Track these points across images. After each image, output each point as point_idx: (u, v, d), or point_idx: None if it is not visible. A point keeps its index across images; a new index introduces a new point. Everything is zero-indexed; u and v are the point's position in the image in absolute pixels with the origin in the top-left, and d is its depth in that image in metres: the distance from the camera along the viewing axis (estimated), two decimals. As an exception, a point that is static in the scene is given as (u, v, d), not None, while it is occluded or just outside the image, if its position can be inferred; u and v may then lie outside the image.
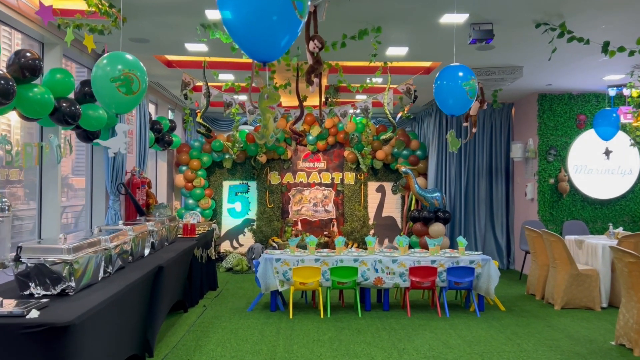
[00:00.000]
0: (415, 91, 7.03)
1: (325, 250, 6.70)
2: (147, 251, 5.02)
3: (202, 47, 5.87)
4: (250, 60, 6.46)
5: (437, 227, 8.81)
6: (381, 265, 6.25)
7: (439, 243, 6.59)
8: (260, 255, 8.81)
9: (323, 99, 8.04)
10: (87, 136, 5.83)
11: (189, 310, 6.24)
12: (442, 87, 4.49)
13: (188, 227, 6.80)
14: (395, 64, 6.69)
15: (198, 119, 6.62)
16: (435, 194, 8.93)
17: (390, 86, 6.93)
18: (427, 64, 7.03)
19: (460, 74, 4.37)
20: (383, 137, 6.63)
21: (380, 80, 7.50)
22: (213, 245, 7.74)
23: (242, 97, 7.98)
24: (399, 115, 8.39)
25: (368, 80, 6.88)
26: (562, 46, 6.03)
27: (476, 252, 6.65)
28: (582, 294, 6.43)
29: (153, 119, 7.90)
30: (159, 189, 9.21)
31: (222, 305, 6.60)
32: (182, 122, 9.71)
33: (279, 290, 6.23)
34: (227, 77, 7.45)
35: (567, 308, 6.47)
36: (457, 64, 4.58)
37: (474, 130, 6.97)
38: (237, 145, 9.47)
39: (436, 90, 4.59)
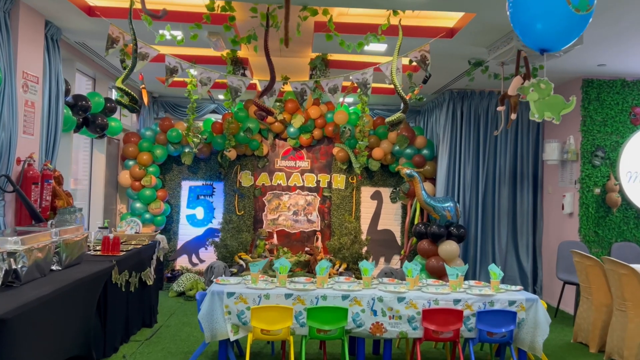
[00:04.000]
0: (429, 64, 5.12)
1: (302, 279, 4.72)
2: (-4, 286, 3.01)
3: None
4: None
5: (449, 246, 6.88)
6: (382, 306, 4.29)
7: (462, 273, 4.64)
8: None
9: (307, 76, 6.12)
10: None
11: (99, 365, 4.24)
12: (524, 1, 2.50)
13: (109, 241, 4.80)
14: (408, 17, 4.76)
15: (118, 84, 4.64)
16: (447, 204, 7.01)
17: (399, 56, 5.01)
18: (453, 20, 5.11)
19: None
20: (390, 119, 4.71)
21: (384, 47, 5.57)
22: (153, 265, 5.74)
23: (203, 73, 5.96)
24: (407, 97, 6.45)
25: (367, 47, 4.94)
26: (632, 9, 4.17)
27: (515, 287, 4.72)
28: (666, 351, 4.52)
29: (77, 93, 5.91)
30: (95, 188, 7.18)
31: (152, 355, 4.59)
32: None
33: (231, 340, 4.24)
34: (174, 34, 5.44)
35: (642, 370, 4.56)
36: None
37: (512, 116, 5.06)
38: (197, 136, 7.48)
39: (513, 9, 2.61)
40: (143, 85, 6.36)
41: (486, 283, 4.87)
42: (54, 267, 3.81)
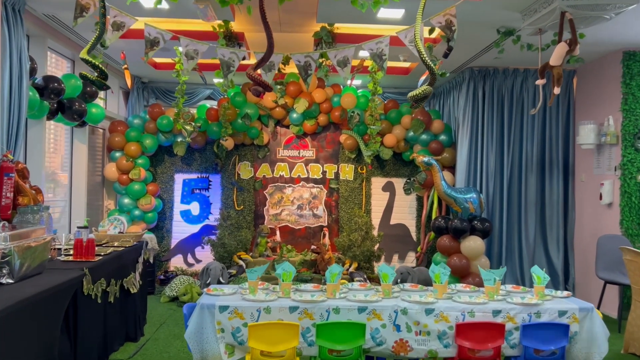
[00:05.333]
0: (455, 31, 4.34)
1: (310, 286, 4.00)
2: None
3: None
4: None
5: (473, 243, 6.14)
6: (406, 319, 3.55)
7: (500, 277, 3.89)
8: (218, 281, 6.12)
9: (312, 51, 5.37)
10: None
11: (68, 393, 3.53)
12: None
13: (82, 245, 4.07)
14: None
15: (83, 55, 3.90)
16: (470, 195, 6.26)
17: (422, 25, 4.23)
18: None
19: None
20: (414, 93, 3.92)
21: (400, 14, 4.79)
22: (139, 269, 5.03)
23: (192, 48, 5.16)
24: (424, 76, 5.69)
25: (381, 15, 4.16)
26: None
27: (561, 293, 3.98)
28: None
29: (47, 73, 5.17)
30: (77, 183, 6.46)
31: (134, 379, 3.89)
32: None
33: (225, 363, 3.52)
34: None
35: None
36: None
37: (555, 90, 4.29)
38: (190, 123, 6.74)
39: None
40: (125, 66, 5.63)
41: (526, 288, 4.14)
42: (3, 280, 3.08)
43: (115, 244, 5.00)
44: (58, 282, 3.32)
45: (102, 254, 4.35)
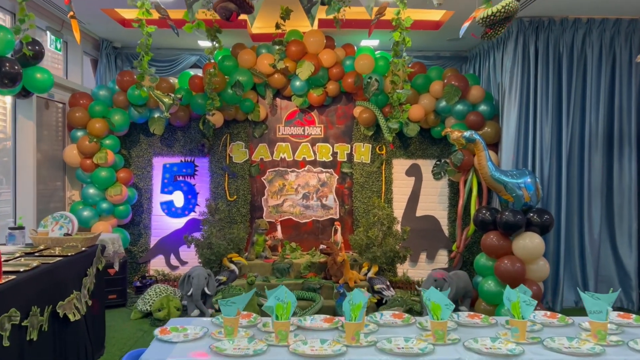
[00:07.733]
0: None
1: (320, 319, 2.64)
2: None
3: None
4: None
5: (529, 241, 4.76)
6: (475, 381, 2.20)
7: (611, 303, 2.51)
8: (202, 292, 4.82)
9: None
10: None
11: None
12: None
13: (-17, 260, 2.75)
14: None
15: None
16: (524, 179, 4.90)
17: None
18: None
19: None
20: (488, 12, 2.48)
21: None
22: (88, 284, 3.72)
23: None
24: (468, 22, 4.25)
25: None
26: None
27: None
28: None
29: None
30: (21, 169, 5.12)
31: None
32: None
33: None
34: None
35: None
36: None
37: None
38: (169, 94, 5.38)
39: None
40: (71, 13, 4.24)
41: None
42: None
43: (56, 250, 3.70)
44: None
45: (22, 269, 3.04)
